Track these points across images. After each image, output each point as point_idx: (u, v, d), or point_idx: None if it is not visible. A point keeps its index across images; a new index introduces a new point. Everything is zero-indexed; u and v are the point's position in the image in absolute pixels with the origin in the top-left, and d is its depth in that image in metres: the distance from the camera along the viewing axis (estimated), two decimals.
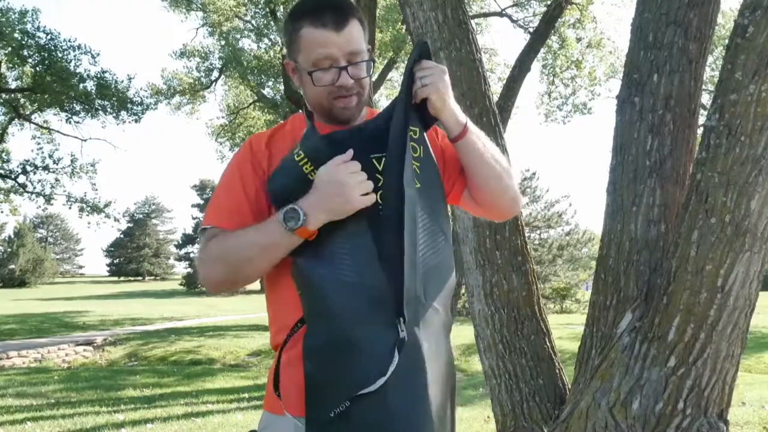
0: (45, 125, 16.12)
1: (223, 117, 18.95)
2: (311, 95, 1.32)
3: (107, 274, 63.00)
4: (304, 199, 1.18)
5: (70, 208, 16.70)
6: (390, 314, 1.15)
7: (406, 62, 1.36)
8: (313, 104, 1.33)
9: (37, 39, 13.79)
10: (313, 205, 1.17)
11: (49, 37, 13.91)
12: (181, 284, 46.69)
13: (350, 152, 1.20)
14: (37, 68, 14.10)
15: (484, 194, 1.38)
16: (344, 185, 1.17)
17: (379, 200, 1.22)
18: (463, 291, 11.73)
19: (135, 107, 15.23)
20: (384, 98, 16.90)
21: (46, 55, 13.90)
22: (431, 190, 1.29)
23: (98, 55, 14.76)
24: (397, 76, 16.32)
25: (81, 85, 14.44)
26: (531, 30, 12.48)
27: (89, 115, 15.13)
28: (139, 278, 58.99)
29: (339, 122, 1.33)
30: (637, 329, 2.43)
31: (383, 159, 1.25)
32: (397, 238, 1.17)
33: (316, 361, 1.15)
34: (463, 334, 14.00)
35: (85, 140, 16.27)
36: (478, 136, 1.34)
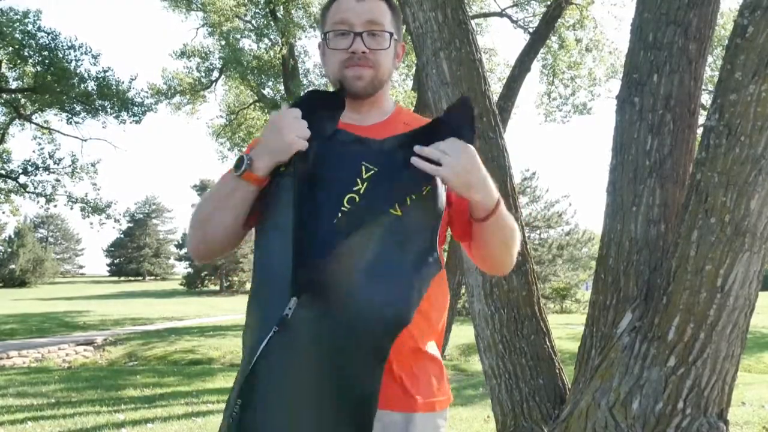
0: (45, 125, 16.12)
1: (223, 117, 18.95)
2: (328, 66, 1.33)
3: (107, 274, 63.02)
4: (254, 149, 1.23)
5: (71, 208, 16.71)
6: (286, 293, 1.11)
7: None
8: (331, 76, 1.33)
9: (38, 39, 13.79)
10: (257, 151, 1.21)
11: (50, 37, 13.92)
12: (181, 284, 46.75)
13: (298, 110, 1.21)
14: (38, 68, 14.09)
15: (484, 262, 1.38)
16: (281, 127, 1.18)
17: (345, 205, 1.17)
18: (463, 291, 11.72)
19: (135, 108, 15.23)
20: None
21: (46, 54, 13.90)
22: (412, 225, 1.18)
23: (98, 55, 14.76)
24: (396, 75, 16.32)
25: (82, 85, 14.44)
26: (531, 30, 12.49)
27: (90, 115, 15.14)
28: (140, 278, 59.00)
29: (352, 94, 1.30)
30: (637, 329, 2.43)
31: (371, 172, 1.20)
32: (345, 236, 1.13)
33: (248, 307, 1.23)
34: (463, 334, 14.00)
35: (85, 140, 16.27)
36: (502, 221, 1.25)
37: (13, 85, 15.10)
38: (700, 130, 2.83)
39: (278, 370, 1.09)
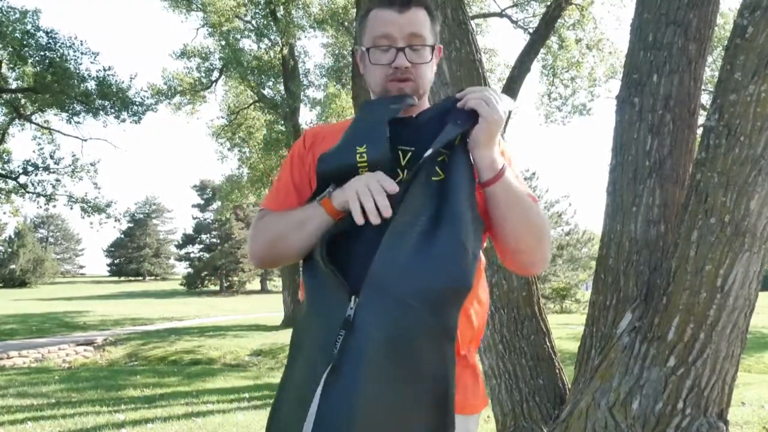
0: (45, 125, 16.12)
1: (223, 117, 18.96)
2: (370, 78, 1.35)
3: (108, 274, 63.01)
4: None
5: (71, 208, 16.72)
6: (347, 292, 1.12)
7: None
8: (373, 88, 1.35)
9: (37, 39, 13.80)
10: (337, 190, 1.23)
11: (49, 36, 13.92)
12: (181, 284, 46.72)
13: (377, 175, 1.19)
14: (38, 68, 14.10)
15: (504, 249, 1.30)
16: (365, 183, 1.18)
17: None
18: None
19: (135, 107, 15.24)
20: None
21: (46, 54, 13.91)
22: (454, 187, 1.20)
23: (97, 54, 14.77)
24: None
25: (82, 85, 14.45)
26: (531, 30, 12.49)
27: (90, 114, 15.14)
28: (140, 278, 59.00)
29: None
30: (637, 329, 2.43)
31: (410, 153, 1.25)
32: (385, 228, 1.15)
33: (296, 324, 1.24)
34: None
35: (85, 140, 16.29)
36: (511, 187, 1.24)
37: (13, 85, 15.11)
38: (700, 130, 2.83)
39: (351, 373, 1.06)
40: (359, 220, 1.14)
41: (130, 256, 59.60)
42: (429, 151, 1.17)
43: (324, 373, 1.07)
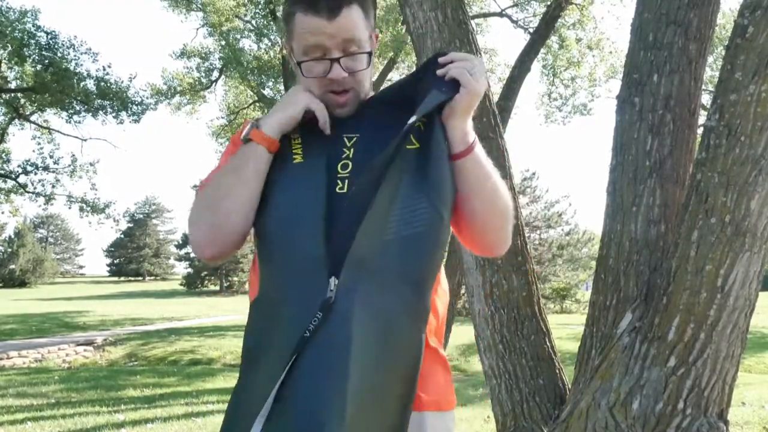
0: (45, 125, 16.12)
1: (223, 117, 18.96)
2: (305, 86, 1.24)
3: (107, 274, 63.06)
4: None
5: (70, 208, 16.73)
6: (324, 274, 1.02)
7: (412, 64, 1.30)
8: None
9: (37, 38, 13.80)
10: (266, 115, 1.18)
11: (49, 36, 13.92)
12: (181, 284, 46.76)
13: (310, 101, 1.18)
14: (38, 68, 14.10)
15: (469, 228, 1.21)
16: (294, 92, 1.18)
17: (339, 170, 1.15)
18: (463, 291, 11.73)
19: (135, 107, 15.24)
20: None
21: (46, 54, 13.91)
22: (433, 157, 1.13)
23: (97, 54, 14.79)
24: (397, 76, 16.33)
25: (81, 85, 14.45)
26: (531, 30, 12.49)
27: (90, 114, 15.14)
28: (140, 278, 59.03)
29: (335, 117, 1.24)
30: (637, 329, 2.43)
31: (355, 138, 1.19)
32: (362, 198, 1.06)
33: (256, 314, 1.10)
34: (463, 334, 14.00)
35: (85, 140, 16.29)
36: (481, 162, 1.18)
37: (13, 84, 15.11)
38: (700, 130, 2.83)
39: (335, 361, 0.97)
40: (326, 126, 1.15)
41: (130, 256, 59.64)
42: (413, 118, 1.09)
43: (290, 360, 0.96)
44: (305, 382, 0.95)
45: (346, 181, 1.14)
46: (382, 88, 1.36)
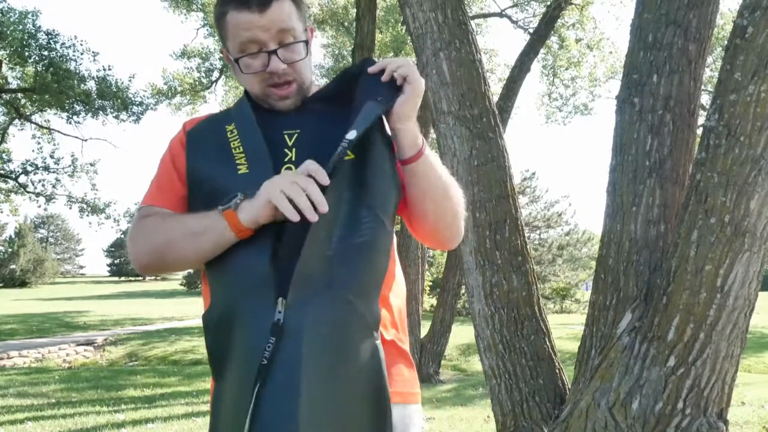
0: (45, 125, 16.13)
1: None
2: (246, 86, 1.22)
3: (108, 274, 63.07)
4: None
5: (70, 208, 16.74)
6: (272, 295, 1.01)
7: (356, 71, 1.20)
8: (251, 93, 1.24)
9: (38, 39, 13.80)
10: (249, 200, 1.07)
11: (49, 36, 13.93)
12: (181, 284, 46.72)
13: (305, 164, 1.05)
14: (38, 68, 14.11)
15: (422, 226, 1.22)
16: (292, 179, 1.03)
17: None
18: (463, 291, 11.73)
19: (135, 107, 15.25)
20: None
21: (46, 54, 13.92)
22: (372, 166, 1.12)
23: (97, 54, 14.78)
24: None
25: (82, 85, 14.46)
26: (531, 30, 12.49)
27: (90, 114, 15.15)
28: (140, 278, 58.99)
29: (278, 112, 1.21)
30: (637, 329, 2.43)
31: (296, 135, 1.17)
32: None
33: (212, 333, 1.10)
34: (463, 334, 14.00)
35: (85, 140, 16.29)
36: (432, 163, 1.17)
37: (13, 85, 15.11)
38: (699, 131, 2.83)
39: (286, 382, 0.96)
40: (294, 217, 1.00)
41: None
42: (353, 133, 1.06)
43: (255, 389, 0.96)
44: (268, 410, 0.95)
45: None
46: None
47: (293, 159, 1.14)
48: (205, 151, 1.19)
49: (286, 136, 1.17)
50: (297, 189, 1.00)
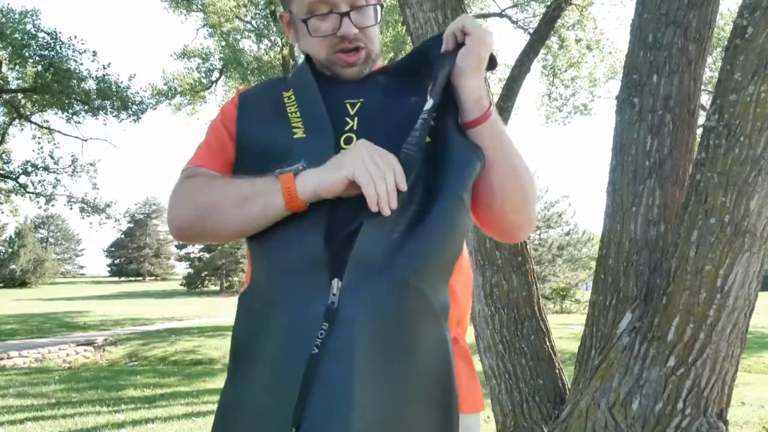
0: (45, 125, 16.14)
1: None
2: (310, 49, 1.13)
3: (108, 274, 63.08)
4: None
5: (71, 208, 16.74)
6: (325, 276, 0.90)
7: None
8: (316, 58, 1.13)
9: (38, 39, 13.81)
10: (314, 170, 0.95)
11: (49, 37, 13.94)
12: (181, 284, 46.73)
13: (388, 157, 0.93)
14: (38, 68, 14.12)
15: (486, 209, 1.05)
16: (344, 156, 0.93)
17: (343, 144, 1.02)
18: None
19: (135, 107, 15.26)
20: None
21: (46, 54, 13.93)
22: (446, 136, 1.00)
23: (96, 54, 14.79)
24: None
25: (82, 85, 14.47)
26: (531, 31, 12.49)
27: (90, 114, 15.16)
28: (140, 278, 59.04)
29: (347, 80, 1.12)
30: (637, 329, 2.43)
31: (358, 104, 1.07)
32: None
33: (247, 316, 0.97)
34: None
35: (85, 140, 16.30)
36: (500, 129, 1.03)
37: (13, 85, 15.12)
38: (699, 131, 2.83)
39: (341, 377, 0.84)
40: (374, 206, 0.89)
41: (130, 256, 59.63)
42: (429, 102, 0.97)
43: (300, 385, 0.84)
44: (318, 410, 0.83)
45: None
46: None
47: (354, 128, 1.03)
48: (259, 115, 1.09)
49: (348, 105, 1.06)
50: (380, 173, 0.90)
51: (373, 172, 0.90)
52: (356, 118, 1.05)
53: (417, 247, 0.92)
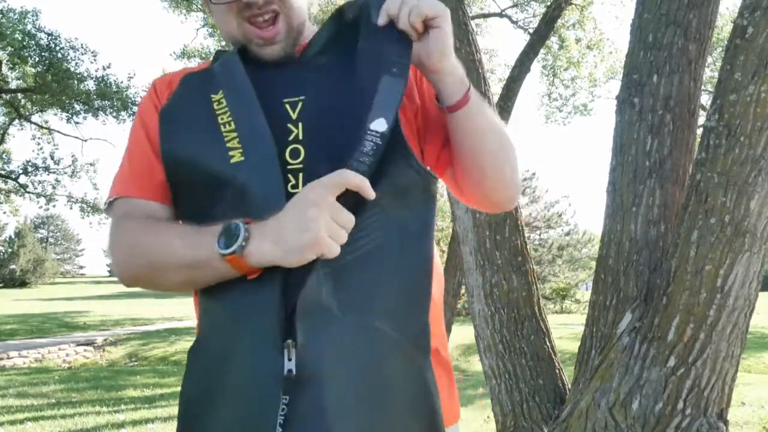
0: (45, 125, 16.14)
1: None
2: (223, 29, 0.97)
3: (108, 274, 63.06)
4: (261, 222, 0.79)
5: (71, 208, 16.76)
6: (280, 334, 0.76)
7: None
8: (230, 39, 0.98)
9: (37, 39, 13.82)
10: (265, 231, 0.77)
11: (49, 37, 13.95)
12: None
13: (343, 175, 0.77)
14: (38, 68, 14.12)
15: (475, 187, 0.97)
16: (315, 216, 0.75)
17: (289, 159, 0.86)
18: (463, 291, 11.74)
19: (135, 107, 15.27)
20: None
21: (46, 55, 13.93)
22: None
23: (96, 54, 14.80)
24: None
25: (81, 85, 14.47)
26: (531, 30, 12.50)
27: (90, 114, 15.17)
28: None
29: (264, 62, 0.95)
30: (637, 329, 2.43)
31: (300, 104, 0.89)
32: None
33: (196, 377, 0.84)
34: (463, 334, 14.00)
35: (85, 140, 16.32)
36: (481, 105, 0.93)
37: (13, 85, 15.12)
38: (699, 131, 2.83)
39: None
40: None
41: None
42: (381, 123, 0.80)
43: None
44: None
45: (300, 175, 0.85)
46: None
47: (300, 137, 0.86)
48: (185, 125, 0.91)
49: (288, 107, 0.89)
50: (339, 230, 0.76)
51: (334, 231, 0.76)
52: (300, 124, 0.88)
53: (365, 282, 0.80)
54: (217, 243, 0.78)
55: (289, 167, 0.85)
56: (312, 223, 0.74)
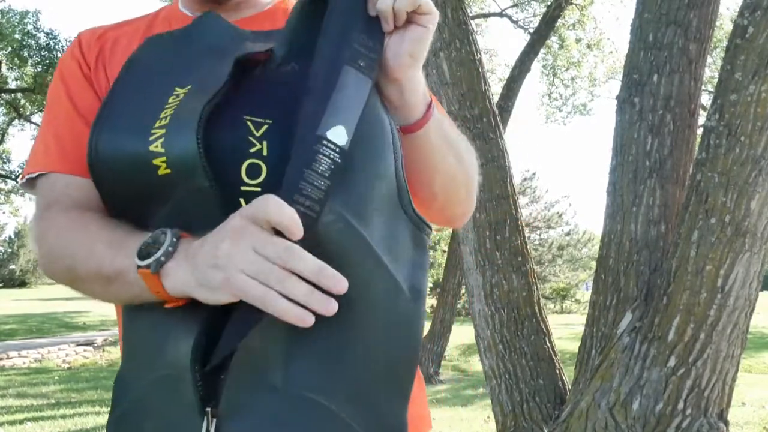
0: None
1: None
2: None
3: None
4: (188, 241, 0.60)
5: None
6: (198, 401, 0.58)
7: None
8: (184, 4, 0.85)
9: (37, 39, 13.82)
10: (191, 261, 0.58)
11: (49, 37, 13.96)
12: None
13: (263, 207, 0.55)
14: (38, 68, 14.12)
15: (428, 206, 0.80)
16: (234, 252, 0.55)
17: (244, 178, 0.62)
18: (463, 291, 11.74)
19: None
20: None
21: (46, 55, 13.94)
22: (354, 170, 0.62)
23: None
24: None
25: None
26: (531, 30, 12.50)
27: None
28: None
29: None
30: (637, 329, 2.43)
31: (266, 126, 0.65)
32: None
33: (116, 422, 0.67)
34: (463, 334, 14.00)
35: None
36: (441, 120, 0.76)
37: (13, 85, 15.13)
38: (700, 131, 2.83)
39: None
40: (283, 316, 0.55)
41: None
42: (339, 132, 0.60)
43: None
44: None
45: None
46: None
47: (263, 152, 0.64)
48: (130, 109, 0.68)
49: (250, 125, 0.65)
50: (278, 277, 0.54)
51: (254, 269, 0.54)
52: (265, 143, 0.64)
53: (316, 342, 0.59)
54: (137, 251, 0.60)
55: (243, 186, 0.63)
56: (223, 260, 0.55)
